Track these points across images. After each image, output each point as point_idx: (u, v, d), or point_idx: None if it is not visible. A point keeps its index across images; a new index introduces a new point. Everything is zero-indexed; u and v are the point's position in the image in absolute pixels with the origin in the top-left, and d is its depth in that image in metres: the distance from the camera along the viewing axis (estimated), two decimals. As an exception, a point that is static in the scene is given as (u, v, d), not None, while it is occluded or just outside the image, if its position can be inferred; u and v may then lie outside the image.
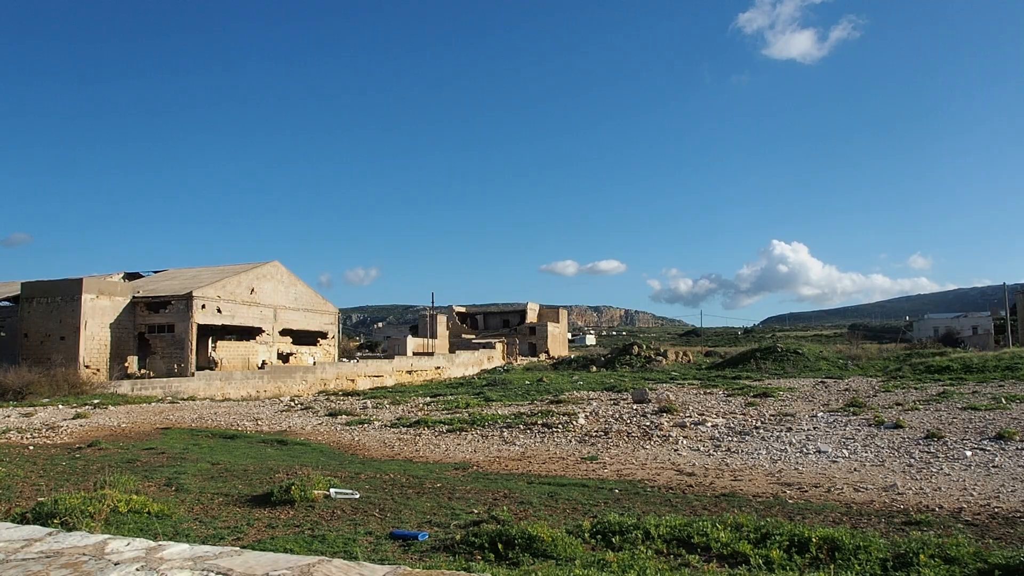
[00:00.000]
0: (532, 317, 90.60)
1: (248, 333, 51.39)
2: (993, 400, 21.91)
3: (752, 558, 6.93)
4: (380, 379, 52.16)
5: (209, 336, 48.74)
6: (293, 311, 54.75)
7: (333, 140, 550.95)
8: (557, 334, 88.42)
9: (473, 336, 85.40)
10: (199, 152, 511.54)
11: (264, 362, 51.09)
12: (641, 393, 23.64)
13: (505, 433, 18.10)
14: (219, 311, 46.92)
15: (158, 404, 30.14)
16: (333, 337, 60.30)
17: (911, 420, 18.00)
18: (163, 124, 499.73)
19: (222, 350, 50.15)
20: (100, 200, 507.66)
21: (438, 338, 78.43)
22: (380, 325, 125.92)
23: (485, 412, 22.53)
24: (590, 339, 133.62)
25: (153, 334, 45.38)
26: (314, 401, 30.62)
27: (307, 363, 53.49)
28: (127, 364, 43.27)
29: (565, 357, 70.26)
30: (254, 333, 51.58)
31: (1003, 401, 21.39)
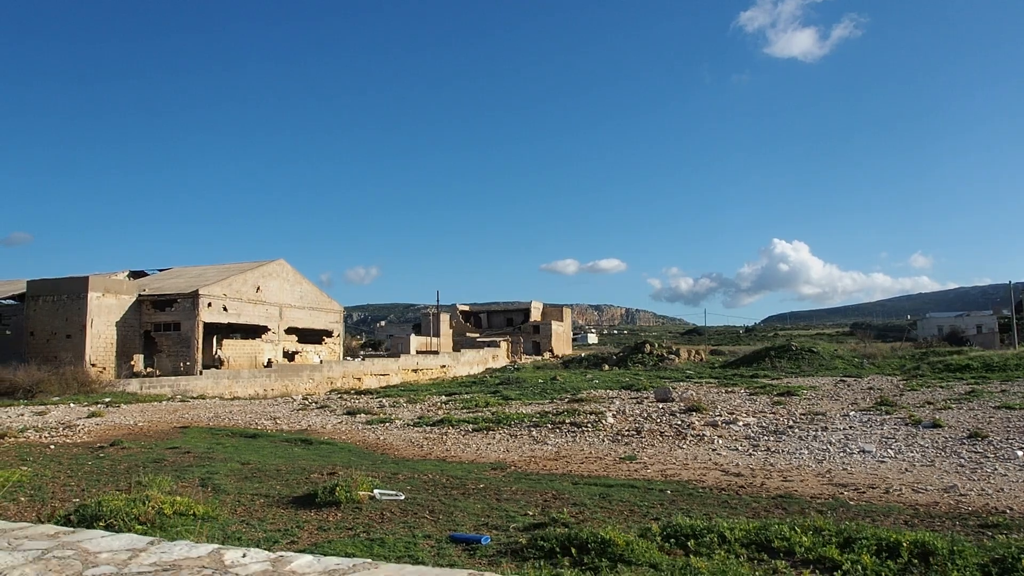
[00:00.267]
0: (536, 316, 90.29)
1: (254, 331, 51.00)
2: (1025, 399, 21.65)
3: (844, 564, 6.62)
4: (386, 378, 51.79)
5: (214, 334, 48.36)
6: (299, 309, 54.35)
7: (333, 140, 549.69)
8: (561, 333, 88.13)
9: (477, 335, 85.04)
10: (199, 152, 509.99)
11: (270, 360, 50.70)
12: (664, 392, 23.35)
13: (534, 432, 17.79)
14: (225, 309, 46.53)
15: (169, 403, 29.76)
16: (338, 336, 59.91)
17: (947, 419, 17.73)
18: (163, 124, 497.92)
19: (228, 348, 49.79)
20: (100, 200, 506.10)
21: (442, 337, 78.06)
22: (383, 324, 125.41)
23: (508, 411, 22.19)
24: (592, 338, 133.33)
25: (159, 332, 45.00)
26: (328, 400, 30.25)
27: (313, 362, 53.11)
28: (133, 362, 42.86)
29: (575, 356, 69.90)
30: (260, 331, 51.18)
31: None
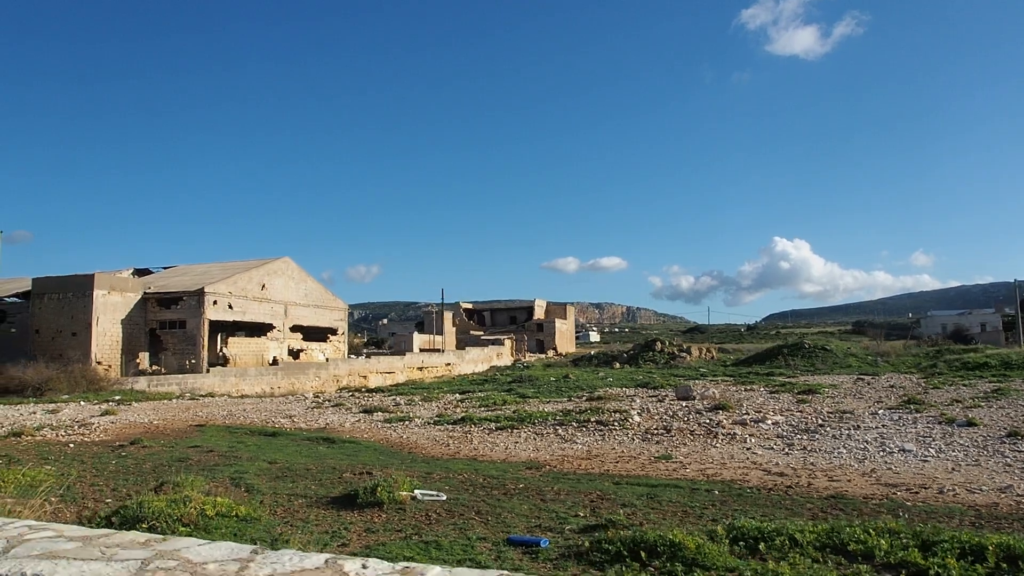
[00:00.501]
0: (539, 314, 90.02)
1: (259, 329, 50.65)
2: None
3: (930, 568, 6.34)
4: (392, 375, 51.50)
5: (219, 332, 48.02)
6: (303, 307, 54.01)
7: (333, 140, 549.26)
8: (565, 331, 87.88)
9: (481, 333, 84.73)
10: (199, 152, 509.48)
11: (275, 358, 50.36)
12: (685, 390, 23.10)
13: (560, 431, 17.49)
14: (230, 307, 46.16)
15: (180, 401, 29.44)
16: (343, 333, 59.59)
17: (981, 417, 17.47)
18: (163, 124, 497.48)
19: (233, 346, 49.48)
20: (101, 199, 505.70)
21: (445, 335, 77.74)
22: (384, 322, 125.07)
23: (528, 409, 21.90)
24: (593, 336, 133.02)
25: (164, 330, 44.62)
26: (341, 398, 29.93)
27: (318, 359, 52.80)
28: (138, 360, 42.49)
29: (583, 354, 69.52)
30: (265, 329, 50.83)
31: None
